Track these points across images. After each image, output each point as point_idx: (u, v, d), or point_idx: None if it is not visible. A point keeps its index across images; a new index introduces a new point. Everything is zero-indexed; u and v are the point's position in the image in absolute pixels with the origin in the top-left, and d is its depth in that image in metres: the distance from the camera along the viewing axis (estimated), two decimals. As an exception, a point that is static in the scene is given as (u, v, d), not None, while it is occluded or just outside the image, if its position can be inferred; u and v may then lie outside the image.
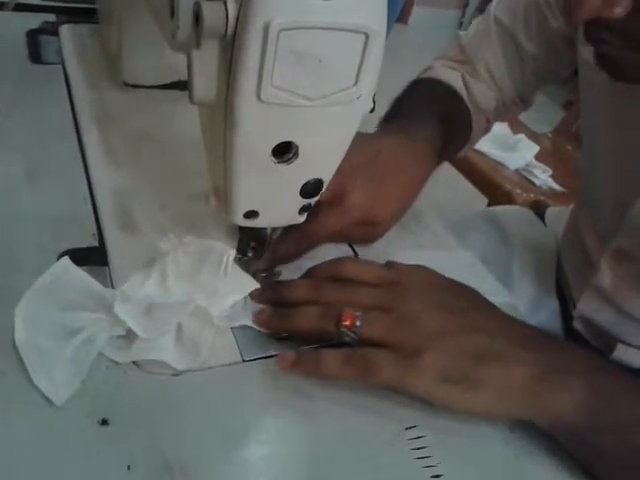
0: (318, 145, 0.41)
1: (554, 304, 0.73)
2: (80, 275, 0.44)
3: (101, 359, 0.41)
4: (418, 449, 0.40)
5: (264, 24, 0.32)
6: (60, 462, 0.35)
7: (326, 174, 0.44)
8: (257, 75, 0.34)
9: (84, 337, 0.40)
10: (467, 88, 0.75)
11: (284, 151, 0.40)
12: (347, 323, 0.42)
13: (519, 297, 0.72)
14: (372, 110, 0.41)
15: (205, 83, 0.37)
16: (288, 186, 0.43)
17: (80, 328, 0.41)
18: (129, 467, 0.35)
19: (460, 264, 0.48)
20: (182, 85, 0.71)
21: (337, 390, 0.43)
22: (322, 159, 0.42)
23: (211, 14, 0.33)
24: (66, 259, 0.45)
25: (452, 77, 0.75)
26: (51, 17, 0.83)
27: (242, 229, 0.48)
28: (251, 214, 0.44)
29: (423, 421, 0.42)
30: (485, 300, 0.47)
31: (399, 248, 0.57)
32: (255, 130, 0.38)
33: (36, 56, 0.74)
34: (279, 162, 0.40)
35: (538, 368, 0.41)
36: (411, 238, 0.61)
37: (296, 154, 0.40)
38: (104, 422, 0.37)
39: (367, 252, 0.57)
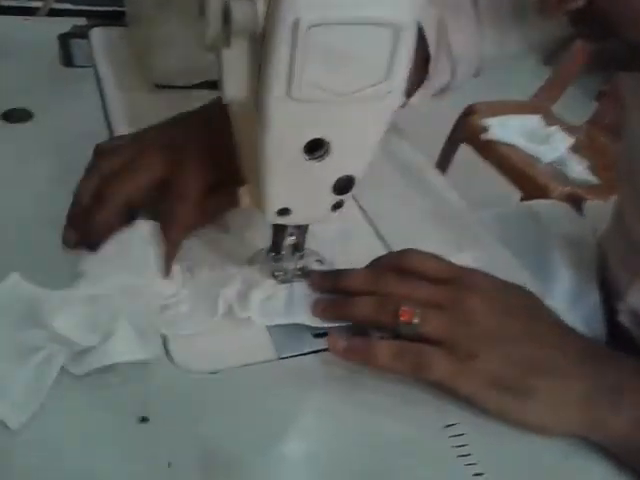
0: (349, 141, 0.40)
1: (595, 297, 0.71)
2: (32, 290, 0.42)
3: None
4: (459, 447, 0.40)
5: (293, 21, 0.32)
6: (99, 460, 0.36)
7: (357, 170, 0.43)
8: (287, 72, 0.34)
9: (43, 356, 0.38)
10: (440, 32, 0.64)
11: (315, 148, 0.40)
12: (405, 319, 0.42)
13: (558, 291, 0.71)
14: (404, 105, 0.41)
15: (236, 81, 0.37)
16: (320, 183, 0.43)
17: (37, 347, 0.38)
18: (169, 464, 0.36)
19: (497, 264, 0.47)
20: (211, 84, 0.71)
21: (376, 388, 0.42)
22: (353, 155, 0.42)
23: (240, 12, 0.33)
24: (15, 275, 0.42)
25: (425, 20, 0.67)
26: (82, 21, 0.83)
27: (275, 227, 0.48)
28: (284, 211, 0.44)
29: (464, 419, 0.42)
30: (543, 305, 0.46)
31: (437, 248, 0.55)
32: (286, 127, 0.38)
33: (68, 59, 0.75)
34: (311, 159, 0.40)
35: (594, 383, 0.41)
36: (447, 236, 0.60)
37: (327, 151, 0.40)
38: (144, 420, 0.38)
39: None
